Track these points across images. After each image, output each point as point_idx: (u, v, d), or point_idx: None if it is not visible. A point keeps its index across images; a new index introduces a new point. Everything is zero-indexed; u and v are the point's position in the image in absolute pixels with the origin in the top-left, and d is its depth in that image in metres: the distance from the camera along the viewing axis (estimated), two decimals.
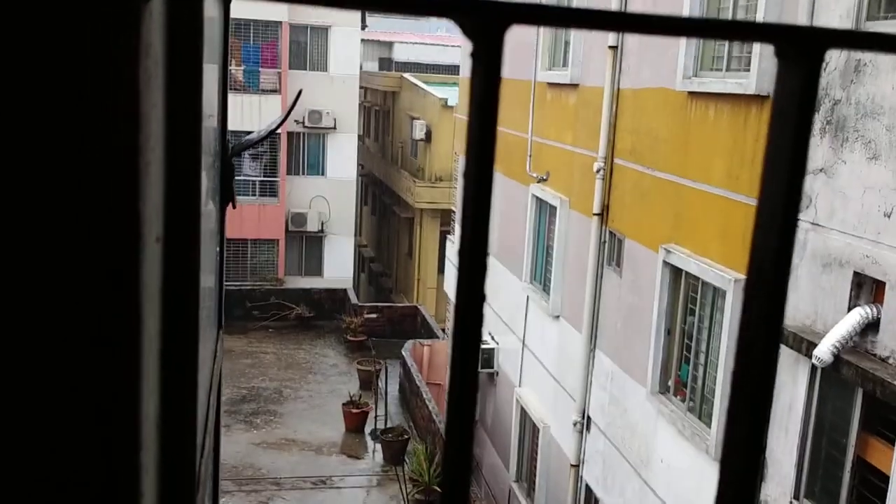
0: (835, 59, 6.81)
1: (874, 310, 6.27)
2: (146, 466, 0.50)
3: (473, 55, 0.46)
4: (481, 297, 0.46)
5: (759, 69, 7.70)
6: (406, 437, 17.65)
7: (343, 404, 18.94)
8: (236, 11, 26.75)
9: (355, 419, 18.71)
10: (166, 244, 0.57)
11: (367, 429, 18.76)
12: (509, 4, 0.44)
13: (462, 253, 0.45)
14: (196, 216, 0.68)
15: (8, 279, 0.44)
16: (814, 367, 6.77)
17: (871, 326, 6.29)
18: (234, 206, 1.68)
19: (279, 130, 26.73)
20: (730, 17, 8.49)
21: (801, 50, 0.47)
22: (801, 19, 7.14)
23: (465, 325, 0.45)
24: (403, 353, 20.42)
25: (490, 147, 0.49)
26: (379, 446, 17.83)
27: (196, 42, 0.62)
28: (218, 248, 1.60)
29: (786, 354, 7.22)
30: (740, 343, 0.52)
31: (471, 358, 0.49)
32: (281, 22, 26.63)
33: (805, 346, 6.74)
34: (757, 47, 7.75)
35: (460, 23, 0.45)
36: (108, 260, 0.44)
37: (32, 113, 0.41)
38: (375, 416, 18.63)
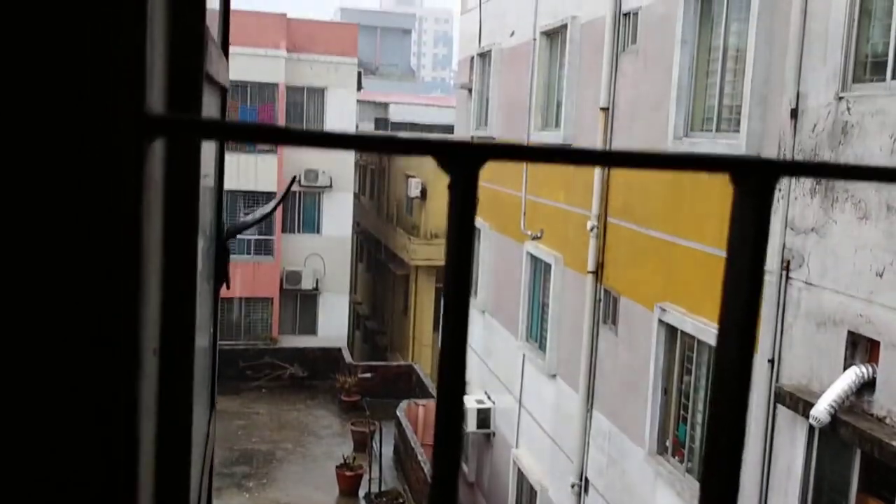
0: (822, 119, 6.94)
1: (870, 369, 6.27)
2: None
3: (450, 186, 0.50)
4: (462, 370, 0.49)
5: (748, 130, 7.83)
6: (401, 500, 17.39)
7: (337, 467, 18.69)
8: (234, 73, 27.06)
9: (349, 482, 18.44)
10: (161, 354, 0.60)
11: (362, 492, 18.49)
12: (481, 146, 0.47)
13: (441, 376, 0.48)
14: (191, 331, 0.71)
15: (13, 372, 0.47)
16: (811, 428, 6.74)
17: (868, 386, 6.28)
18: (227, 287, 1.70)
19: (275, 190, 26.90)
20: (717, 82, 8.65)
21: (755, 179, 0.51)
22: (789, 83, 7.29)
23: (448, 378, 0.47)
24: (398, 413, 20.24)
25: (467, 264, 0.52)
26: None
27: (194, 174, 0.66)
28: (212, 329, 1.62)
29: (783, 414, 7.20)
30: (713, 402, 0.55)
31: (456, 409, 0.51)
32: (278, 84, 27.01)
33: (802, 406, 6.73)
34: (746, 108, 7.89)
35: (440, 161, 0.49)
36: (107, 373, 0.46)
37: (37, 248, 0.44)
38: (370, 479, 18.37)
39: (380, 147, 0.48)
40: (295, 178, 4.70)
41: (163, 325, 0.61)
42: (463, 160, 0.47)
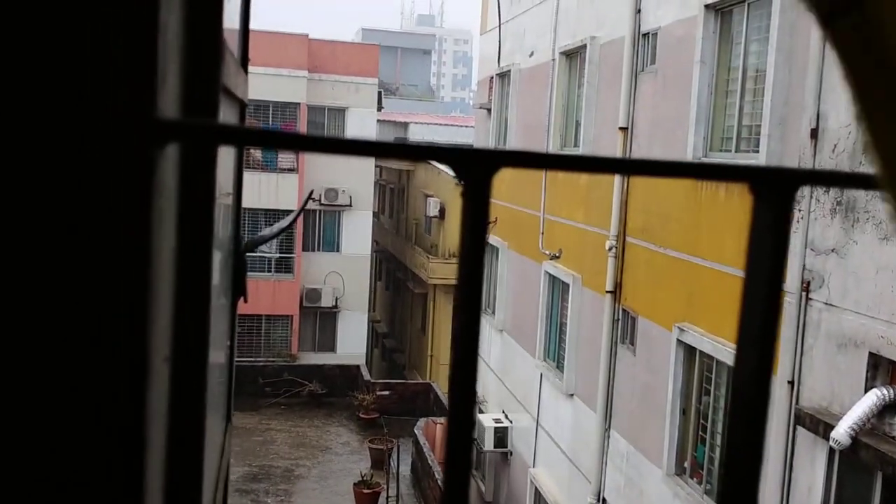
0: (842, 140, 6.89)
1: (891, 391, 6.19)
2: None
3: (463, 195, 0.49)
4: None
5: (768, 149, 7.79)
6: None
7: (354, 484, 18.64)
8: (255, 92, 27.26)
9: (367, 500, 18.38)
10: (174, 363, 0.60)
11: None
12: (494, 151, 0.47)
13: (452, 383, 0.48)
14: (204, 341, 0.71)
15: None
16: (832, 450, 6.65)
17: (889, 408, 6.20)
18: (245, 301, 1.71)
19: (295, 209, 27.04)
20: (737, 102, 8.63)
21: (774, 188, 0.50)
22: (809, 103, 7.25)
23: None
24: (416, 431, 20.18)
25: (479, 271, 0.51)
26: None
27: (209, 181, 0.66)
28: (228, 342, 1.62)
29: (803, 436, 7.11)
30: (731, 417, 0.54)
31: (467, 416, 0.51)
32: (299, 103, 27.20)
33: (822, 427, 6.64)
34: (766, 128, 7.85)
35: (453, 168, 0.48)
36: (113, 377, 0.46)
37: (43, 251, 0.44)
38: (387, 497, 18.30)
39: (394, 153, 0.47)
40: (311, 192, 4.73)
41: (175, 334, 0.61)
42: (476, 167, 0.47)
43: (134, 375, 0.46)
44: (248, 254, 1.80)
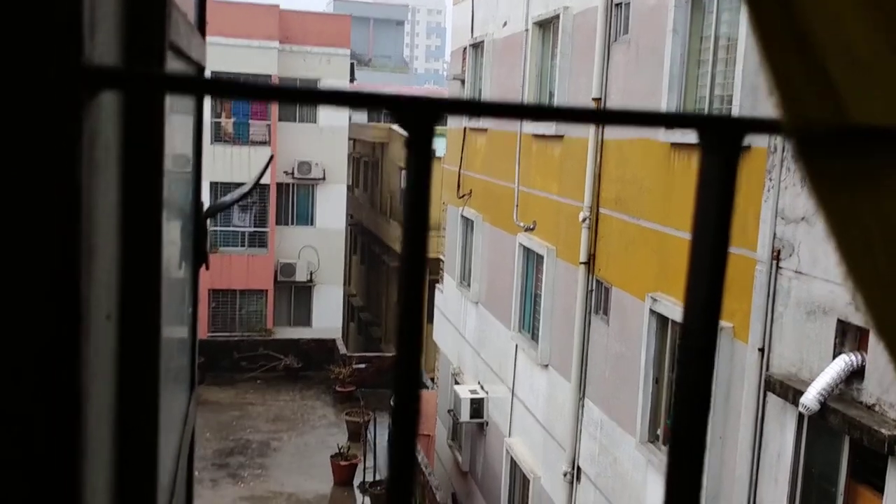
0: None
1: (859, 357, 6.29)
2: None
3: (407, 144, 0.49)
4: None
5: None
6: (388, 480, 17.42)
7: (331, 456, 18.72)
8: (226, 65, 26.83)
9: (344, 472, 18.48)
10: (122, 321, 0.58)
11: (356, 481, 18.53)
12: (435, 99, 0.46)
13: (400, 332, 0.47)
14: (155, 301, 0.69)
15: None
16: (801, 416, 6.76)
17: (857, 374, 6.30)
18: (206, 268, 1.69)
19: (269, 182, 26.86)
20: (709, 72, 8.65)
21: (722, 138, 0.50)
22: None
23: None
24: (392, 403, 20.24)
25: (423, 222, 0.50)
26: (368, 499, 17.58)
27: (156, 134, 0.64)
28: (191, 309, 1.61)
29: (773, 403, 7.22)
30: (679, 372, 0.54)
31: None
32: (270, 76, 26.92)
33: (792, 394, 6.75)
34: (737, 97, 7.88)
35: (395, 116, 0.48)
36: (48, 336, 0.45)
37: None
38: (364, 469, 18.41)
39: (338, 101, 0.46)
40: (272, 156, 4.70)
41: (122, 293, 0.60)
42: (418, 114, 0.46)
43: (65, 327, 0.45)
44: (209, 219, 1.78)
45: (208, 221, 1.81)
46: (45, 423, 0.45)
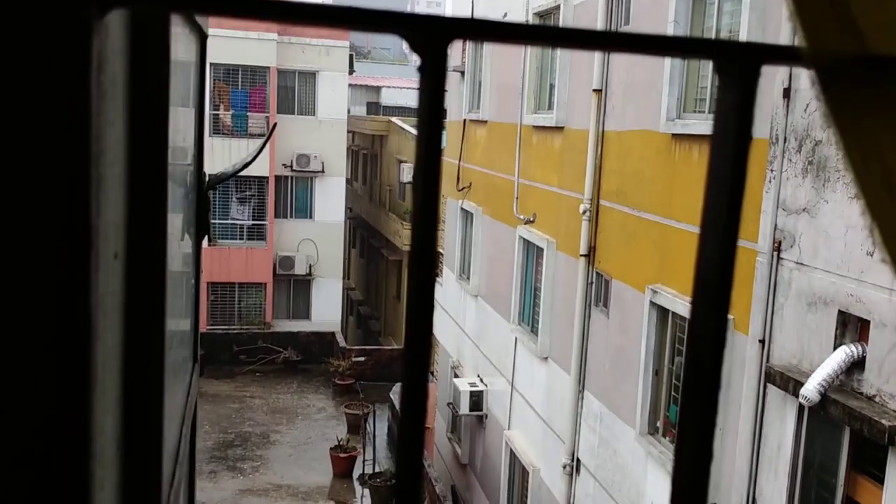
0: (815, 100, 6.92)
1: (859, 348, 6.29)
2: (100, 480, 0.50)
3: (420, 68, 0.48)
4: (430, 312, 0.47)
5: None
6: (394, 481, 17.45)
7: (331, 449, 18.73)
8: (225, 57, 26.83)
9: (343, 464, 18.50)
10: (128, 261, 0.58)
11: (356, 474, 18.54)
12: (452, 19, 0.45)
13: (412, 262, 0.46)
14: (161, 240, 0.69)
15: None
16: (801, 407, 6.76)
17: (857, 365, 6.30)
18: (210, 242, 1.68)
19: (267, 175, 26.82)
20: (710, 64, 8.62)
21: (739, 64, 0.49)
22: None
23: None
24: (392, 396, 20.30)
25: (436, 155, 0.50)
26: (367, 491, 17.60)
27: (162, 61, 0.63)
28: (194, 281, 1.60)
29: (773, 394, 7.22)
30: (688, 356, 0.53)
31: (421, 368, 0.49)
32: (269, 67, 26.87)
33: (792, 385, 6.74)
34: None
35: (407, 38, 0.47)
36: (58, 272, 0.44)
37: None
38: (364, 461, 18.42)
39: (346, 22, 0.45)
40: (275, 124, 4.67)
41: (128, 234, 0.59)
42: (434, 34, 0.45)
43: (73, 255, 0.44)
44: (211, 191, 1.78)
45: (210, 194, 1.81)
46: (58, 357, 0.44)
